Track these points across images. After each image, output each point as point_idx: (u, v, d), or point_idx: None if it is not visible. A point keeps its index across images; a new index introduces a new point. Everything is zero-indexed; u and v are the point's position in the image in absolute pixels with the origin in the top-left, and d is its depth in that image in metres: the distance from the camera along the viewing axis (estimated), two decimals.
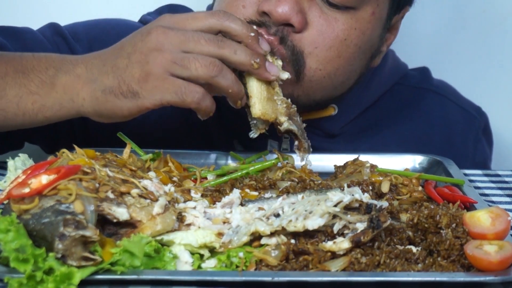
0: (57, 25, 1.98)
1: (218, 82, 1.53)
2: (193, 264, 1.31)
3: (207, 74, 1.51)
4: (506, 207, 1.62)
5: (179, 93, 1.51)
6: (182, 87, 1.51)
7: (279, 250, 1.32)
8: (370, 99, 2.02)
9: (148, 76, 1.51)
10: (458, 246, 1.34)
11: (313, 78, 1.78)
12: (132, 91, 1.52)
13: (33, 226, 1.28)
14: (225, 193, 1.55)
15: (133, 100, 1.52)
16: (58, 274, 1.21)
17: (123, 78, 1.53)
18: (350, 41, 1.78)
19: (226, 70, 1.54)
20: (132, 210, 1.34)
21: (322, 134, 1.96)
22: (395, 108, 2.05)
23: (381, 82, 2.03)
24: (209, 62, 1.52)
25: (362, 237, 1.31)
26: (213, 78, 1.52)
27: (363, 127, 2.01)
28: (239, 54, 1.54)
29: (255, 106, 1.61)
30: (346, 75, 1.83)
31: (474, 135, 2.10)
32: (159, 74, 1.51)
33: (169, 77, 1.51)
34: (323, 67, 1.78)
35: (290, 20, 1.72)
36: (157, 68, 1.51)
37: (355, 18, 1.77)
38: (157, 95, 1.51)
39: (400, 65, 2.10)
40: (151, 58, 1.51)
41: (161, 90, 1.51)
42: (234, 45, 1.55)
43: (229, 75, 1.54)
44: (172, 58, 1.51)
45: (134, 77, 1.52)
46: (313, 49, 1.76)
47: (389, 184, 1.57)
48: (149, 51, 1.52)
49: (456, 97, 2.13)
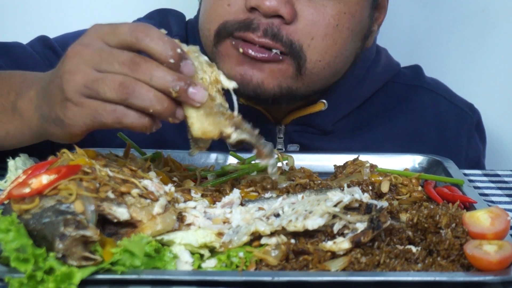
0: (47, 38, 1.97)
1: (133, 104, 1.35)
2: (193, 264, 1.31)
3: (118, 97, 1.35)
4: (506, 207, 1.62)
5: (96, 116, 1.37)
6: (98, 109, 1.37)
7: (279, 250, 1.32)
8: (363, 96, 2.02)
9: (66, 102, 1.40)
10: (458, 246, 1.34)
11: (314, 70, 1.79)
12: (58, 119, 1.42)
13: (34, 226, 1.28)
14: (225, 193, 1.55)
15: (63, 127, 1.42)
16: (59, 274, 1.21)
17: (51, 106, 1.43)
18: (342, 26, 1.79)
19: (140, 89, 1.35)
20: (132, 210, 1.34)
21: (314, 131, 1.97)
22: (388, 106, 2.06)
23: (374, 80, 2.04)
24: (119, 83, 1.35)
25: (362, 237, 1.31)
26: (127, 101, 1.36)
27: (357, 124, 2.01)
28: (155, 80, 1.35)
29: (193, 126, 1.42)
30: (343, 61, 1.85)
31: (467, 131, 2.10)
32: (74, 99, 1.38)
33: (85, 100, 1.38)
34: (322, 58, 1.79)
35: (279, 12, 1.72)
36: (71, 93, 1.39)
37: (343, 2, 1.78)
38: (79, 121, 1.39)
39: (393, 64, 2.11)
40: (65, 83, 1.39)
41: (81, 115, 1.39)
42: (151, 70, 1.35)
43: (145, 93, 1.35)
44: (84, 81, 1.38)
45: (57, 105, 1.42)
46: (310, 41, 1.76)
47: (389, 184, 1.57)
48: (63, 74, 1.40)
49: (448, 94, 2.14)
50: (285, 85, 1.79)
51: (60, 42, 1.95)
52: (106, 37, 1.39)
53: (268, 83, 1.78)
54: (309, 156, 1.85)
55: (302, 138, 1.96)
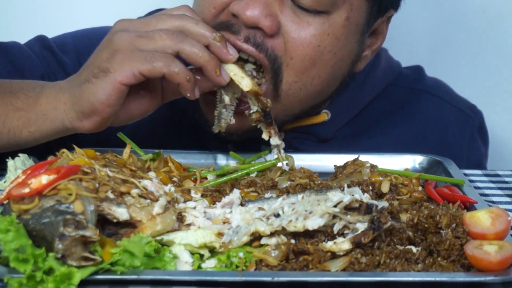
0: (45, 38, 1.97)
1: (184, 49, 1.54)
2: (193, 264, 1.31)
3: (172, 41, 1.53)
4: (506, 207, 1.62)
5: (148, 59, 1.52)
6: (150, 54, 1.52)
7: (279, 250, 1.32)
8: (364, 101, 2.00)
9: (115, 52, 1.54)
10: (458, 246, 1.34)
11: (290, 92, 1.75)
12: (103, 70, 1.53)
13: (33, 226, 1.28)
14: (225, 193, 1.55)
15: (105, 77, 1.53)
16: (58, 274, 1.21)
17: (94, 64, 1.55)
18: (323, 48, 1.73)
19: (191, 39, 1.55)
20: (132, 210, 1.34)
21: (314, 139, 1.95)
22: (389, 110, 2.03)
23: (374, 84, 2.01)
24: (172, 32, 1.54)
25: (362, 238, 1.31)
26: (179, 45, 1.54)
27: (357, 130, 1.99)
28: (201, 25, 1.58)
29: (243, 81, 1.61)
30: (324, 83, 1.79)
31: (469, 134, 2.09)
32: (126, 47, 1.53)
33: (136, 49, 1.53)
34: (299, 79, 1.74)
35: (259, 24, 1.68)
36: (123, 43, 1.54)
37: (328, 23, 1.73)
38: (126, 66, 1.52)
39: (393, 65, 2.09)
40: (116, 38, 1.55)
41: (130, 60, 1.52)
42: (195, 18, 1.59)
43: (195, 42, 1.55)
44: (136, 32, 1.54)
45: (103, 59, 1.54)
46: (289, 61, 1.72)
47: (389, 184, 1.57)
48: (113, 34, 1.56)
49: (450, 97, 2.12)
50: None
51: (58, 42, 1.95)
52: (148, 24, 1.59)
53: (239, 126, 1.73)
54: (309, 156, 1.85)
55: (301, 145, 1.94)
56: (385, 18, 1.87)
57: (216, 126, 1.66)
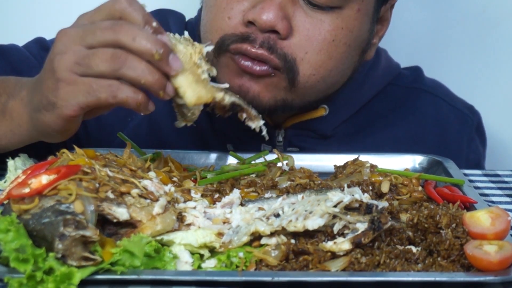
0: (43, 40, 1.97)
1: (125, 74, 1.39)
2: (193, 264, 1.31)
3: (110, 68, 1.38)
4: (506, 207, 1.62)
5: (91, 92, 1.40)
6: (92, 85, 1.39)
7: (279, 250, 1.32)
8: (363, 99, 2.02)
9: (58, 83, 1.42)
10: (458, 246, 1.34)
11: (307, 84, 1.78)
12: (50, 103, 1.43)
13: (33, 226, 1.28)
14: (225, 193, 1.55)
15: (54, 111, 1.43)
16: (58, 274, 1.21)
17: (43, 92, 1.45)
18: (338, 41, 1.77)
19: (132, 60, 1.38)
20: (132, 210, 1.34)
21: (314, 136, 1.96)
22: (388, 109, 2.05)
23: (374, 83, 2.03)
24: (110, 55, 1.38)
25: (362, 238, 1.31)
26: (118, 71, 1.38)
27: (356, 128, 2.01)
28: (138, 41, 1.38)
29: (186, 94, 1.45)
30: (339, 74, 1.84)
31: (468, 134, 2.10)
32: (67, 78, 1.41)
33: (78, 78, 1.40)
34: (317, 72, 1.77)
35: (275, 27, 1.71)
36: (63, 73, 1.41)
37: (341, 18, 1.76)
38: (72, 100, 1.41)
39: (393, 65, 2.10)
40: (56, 64, 1.42)
41: (74, 94, 1.41)
42: (133, 30, 1.39)
43: (136, 64, 1.38)
44: (75, 58, 1.41)
45: (49, 88, 1.43)
46: (304, 55, 1.75)
47: (389, 184, 1.57)
48: (54, 56, 1.43)
49: (449, 97, 2.13)
50: (279, 97, 1.78)
51: None
52: (92, 16, 1.45)
53: (264, 95, 1.77)
54: (309, 156, 1.85)
55: (301, 142, 1.96)
56: (388, 5, 1.91)
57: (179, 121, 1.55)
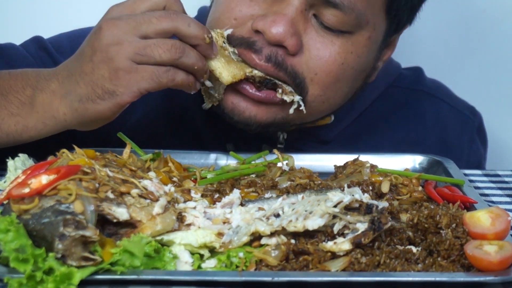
0: (41, 39, 1.98)
1: (183, 62, 1.55)
2: (193, 264, 1.31)
3: (172, 57, 1.53)
4: (506, 207, 1.62)
5: (154, 78, 1.52)
6: (154, 72, 1.52)
7: (279, 250, 1.32)
8: (365, 103, 2.01)
9: (118, 72, 1.51)
10: (458, 246, 1.34)
11: (313, 104, 1.76)
12: (108, 92, 1.52)
13: (33, 226, 1.28)
14: (225, 193, 1.55)
15: (112, 99, 1.52)
16: (58, 274, 1.21)
17: (94, 82, 1.52)
18: (347, 65, 1.75)
19: (188, 49, 1.56)
20: (132, 210, 1.34)
21: (315, 141, 1.96)
22: (389, 111, 2.04)
23: (375, 85, 2.02)
24: (171, 45, 1.54)
25: (362, 238, 1.31)
26: (178, 60, 1.54)
27: (357, 132, 2.00)
28: (193, 26, 1.56)
29: (222, 75, 1.66)
30: (342, 97, 1.82)
31: (469, 136, 2.10)
32: (127, 67, 1.51)
33: (138, 66, 1.52)
34: (324, 93, 1.76)
35: (284, 42, 1.68)
36: (123, 62, 1.51)
37: (351, 42, 1.74)
38: (133, 87, 1.52)
39: (393, 66, 2.09)
40: (113, 54, 1.51)
41: (136, 80, 1.51)
42: (186, 18, 1.57)
43: (192, 53, 1.56)
44: (133, 48, 1.52)
45: (105, 78, 1.51)
46: (313, 75, 1.73)
47: (389, 184, 1.57)
48: (108, 47, 1.51)
49: (449, 98, 2.13)
50: (279, 116, 1.76)
51: (54, 42, 1.95)
52: (133, 7, 1.56)
53: (261, 116, 1.75)
54: (309, 156, 1.85)
55: (302, 146, 1.95)
56: (400, 33, 1.90)
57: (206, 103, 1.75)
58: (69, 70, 1.56)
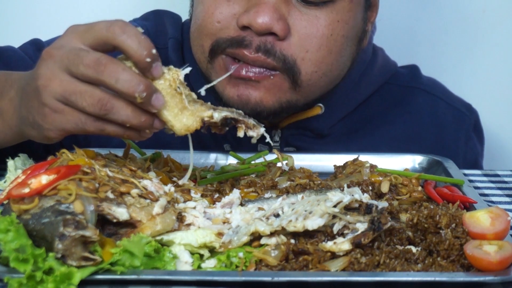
0: (39, 41, 1.98)
1: (111, 119, 1.36)
2: (193, 264, 1.31)
3: (97, 112, 1.35)
4: (506, 207, 1.62)
5: (80, 124, 1.37)
6: (81, 119, 1.37)
7: (279, 250, 1.32)
8: (359, 98, 2.02)
9: (44, 108, 1.38)
10: (458, 246, 1.34)
11: (311, 82, 1.79)
12: (36, 123, 1.40)
13: (33, 226, 1.28)
14: (225, 193, 1.55)
15: (39, 130, 1.41)
16: (58, 274, 1.21)
17: (28, 108, 1.42)
18: (336, 35, 1.78)
19: (118, 107, 1.35)
20: (132, 210, 1.34)
21: (311, 135, 1.96)
22: (385, 108, 2.05)
23: (371, 82, 2.03)
24: (97, 100, 1.34)
25: (362, 238, 1.31)
26: (105, 116, 1.36)
27: (353, 127, 2.01)
28: (120, 84, 1.33)
29: (174, 128, 1.41)
30: (339, 67, 1.85)
31: (465, 133, 2.10)
32: (53, 106, 1.37)
33: (65, 108, 1.37)
34: (318, 68, 1.78)
35: (272, 29, 1.71)
36: (50, 100, 1.37)
37: (335, 11, 1.77)
38: (59, 126, 1.38)
39: (390, 64, 2.10)
40: (42, 89, 1.37)
41: (61, 122, 1.38)
42: (116, 72, 1.33)
43: (123, 111, 1.35)
44: (61, 89, 1.36)
45: (34, 108, 1.40)
46: (304, 54, 1.75)
47: (389, 184, 1.57)
48: (39, 79, 1.38)
49: (446, 95, 2.13)
50: (284, 99, 1.79)
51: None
52: (83, 35, 1.38)
53: (267, 100, 1.77)
54: (309, 156, 1.85)
55: (298, 142, 1.96)
56: None
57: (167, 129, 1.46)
58: (25, 81, 1.47)
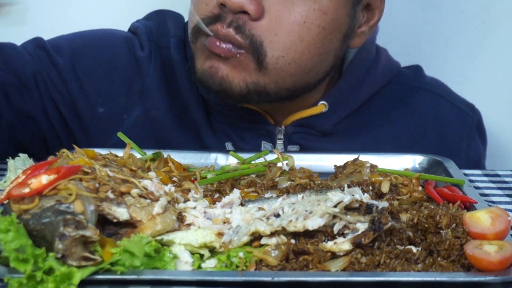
0: (40, 39, 1.99)
1: None
2: (193, 264, 1.31)
3: None
4: (506, 207, 1.62)
5: None
6: None
7: (279, 250, 1.32)
8: (363, 97, 2.02)
9: None
10: (458, 246, 1.34)
11: (277, 66, 1.78)
12: None
13: (33, 226, 1.28)
14: (225, 193, 1.55)
15: None
16: (58, 274, 1.21)
17: None
18: (310, 23, 1.77)
19: None
20: (132, 210, 1.34)
21: (314, 133, 1.97)
22: (388, 107, 2.05)
23: (374, 81, 2.03)
24: None
25: (363, 239, 1.31)
26: None
27: (356, 125, 2.01)
28: None
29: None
30: (315, 58, 1.82)
31: (468, 133, 2.10)
32: None
33: None
34: (286, 54, 1.78)
35: (244, 7, 1.74)
36: None
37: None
38: None
39: (393, 64, 2.10)
40: None
41: None
42: None
43: None
44: None
45: None
46: (273, 37, 1.76)
47: (389, 184, 1.57)
48: None
49: (449, 95, 2.13)
50: (250, 80, 1.79)
51: (53, 43, 1.97)
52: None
53: (233, 77, 1.78)
54: (309, 156, 1.85)
55: (302, 140, 1.96)
56: None
57: None
58: None
